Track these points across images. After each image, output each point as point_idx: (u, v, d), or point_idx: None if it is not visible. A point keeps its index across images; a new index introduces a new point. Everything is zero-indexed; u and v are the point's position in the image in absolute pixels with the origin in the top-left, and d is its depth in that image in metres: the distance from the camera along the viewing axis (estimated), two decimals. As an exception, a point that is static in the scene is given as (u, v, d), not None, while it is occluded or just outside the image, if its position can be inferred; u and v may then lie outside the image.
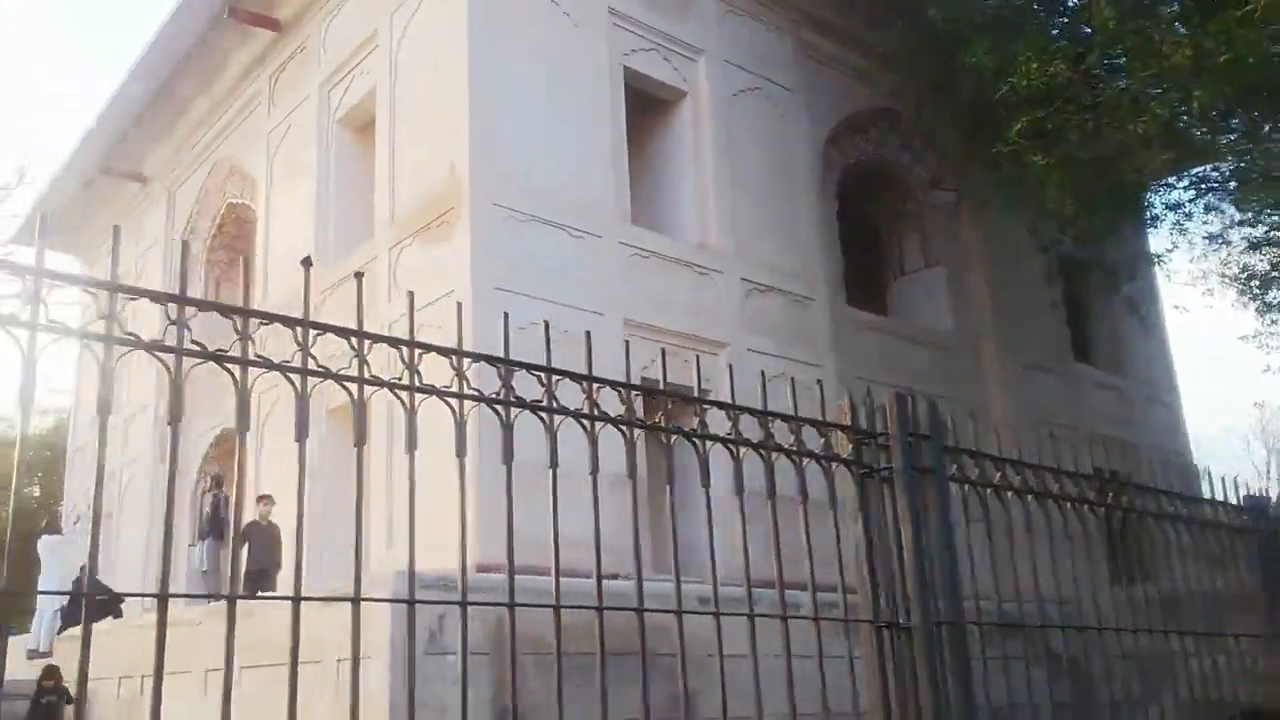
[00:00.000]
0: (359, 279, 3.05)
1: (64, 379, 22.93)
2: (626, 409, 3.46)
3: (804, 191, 14.78)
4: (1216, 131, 10.05)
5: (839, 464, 4.18)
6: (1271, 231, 12.45)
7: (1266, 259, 11.61)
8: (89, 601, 2.63)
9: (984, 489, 4.47)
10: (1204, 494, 5.96)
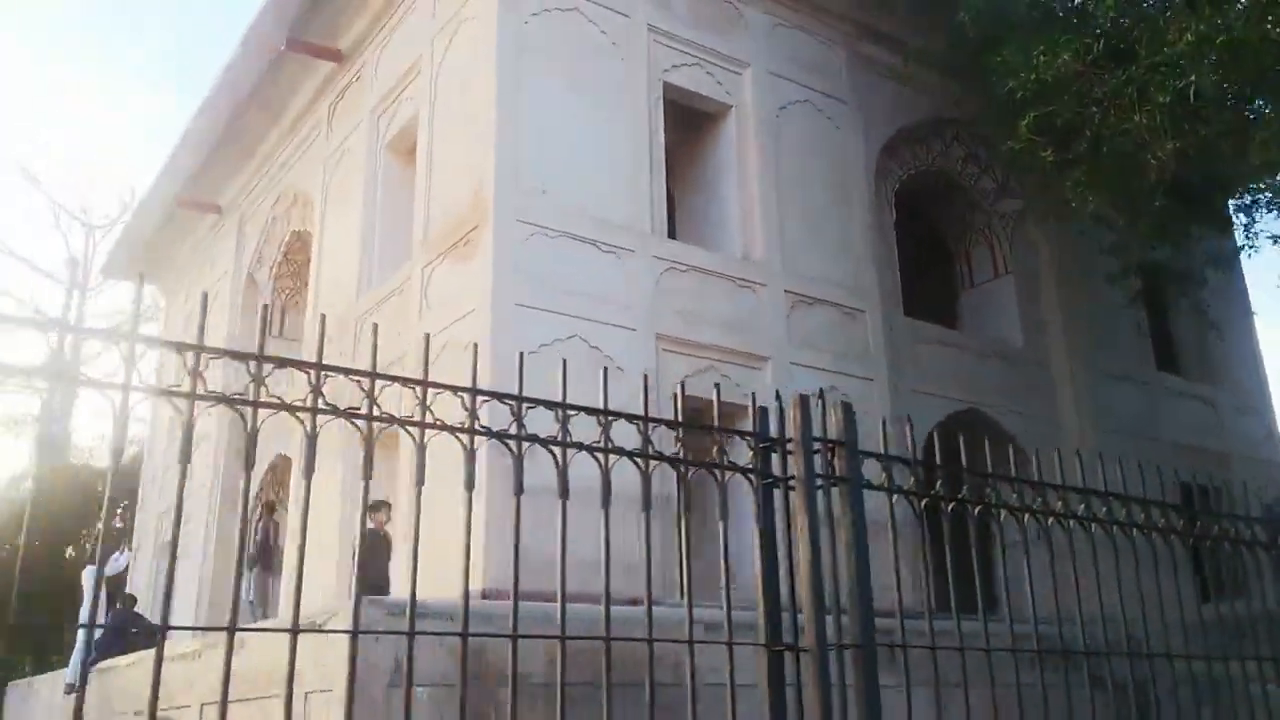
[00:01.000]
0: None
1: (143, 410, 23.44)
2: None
3: (856, 203, 14.48)
4: (1222, 121, 9.47)
5: (736, 473, 4.01)
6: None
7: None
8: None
9: (916, 498, 4.24)
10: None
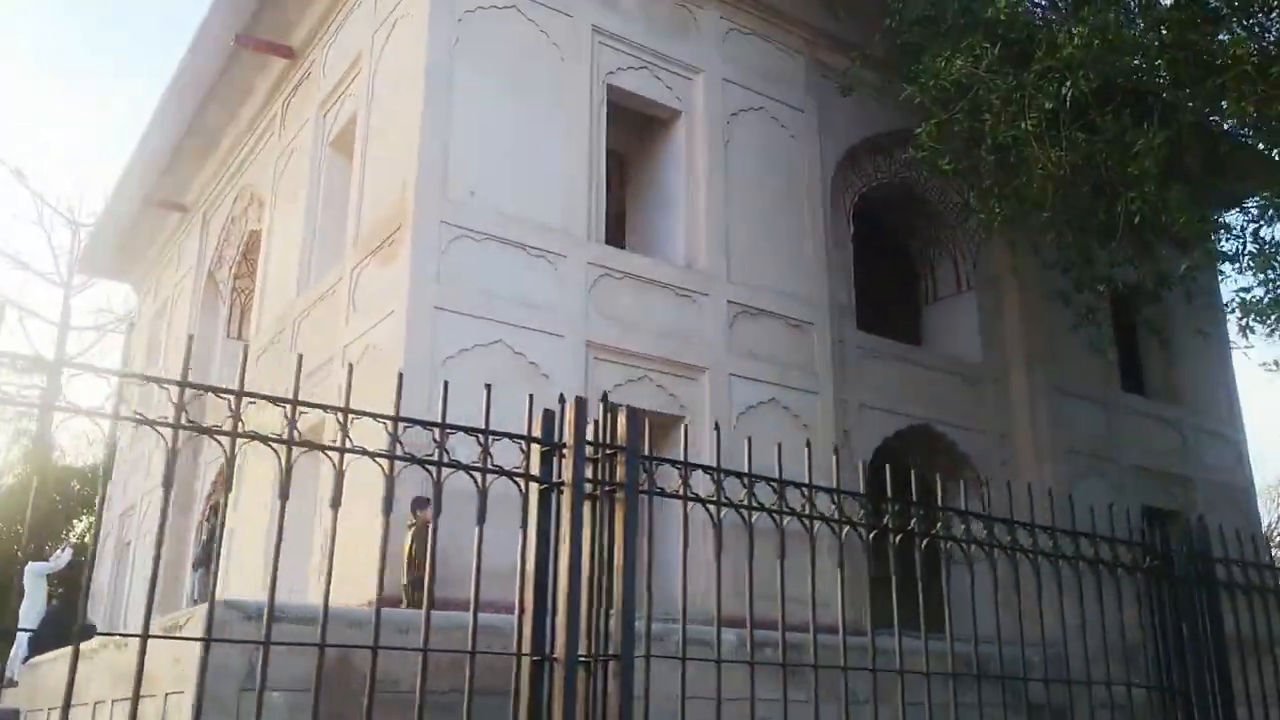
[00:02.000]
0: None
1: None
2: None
3: (810, 214, 14.25)
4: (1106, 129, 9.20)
5: (518, 478, 3.86)
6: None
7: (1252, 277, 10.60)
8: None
9: (689, 502, 4.05)
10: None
